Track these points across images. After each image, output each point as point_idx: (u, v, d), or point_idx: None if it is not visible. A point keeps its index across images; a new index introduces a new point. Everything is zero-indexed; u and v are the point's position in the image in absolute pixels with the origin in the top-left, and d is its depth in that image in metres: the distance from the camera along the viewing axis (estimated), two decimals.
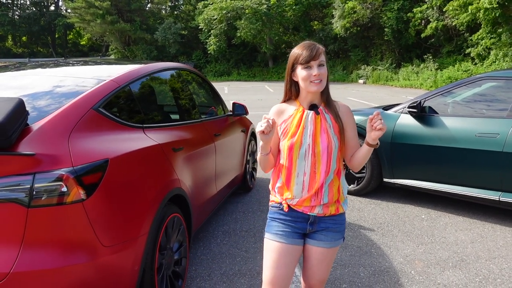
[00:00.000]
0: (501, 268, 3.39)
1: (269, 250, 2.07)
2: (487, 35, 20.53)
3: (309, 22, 33.48)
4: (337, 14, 27.38)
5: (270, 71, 33.85)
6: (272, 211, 2.11)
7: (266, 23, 30.94)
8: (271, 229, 2.08)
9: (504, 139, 4.00)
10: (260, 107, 15.15)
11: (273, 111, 2.11)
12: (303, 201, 2.02)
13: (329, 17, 30.24)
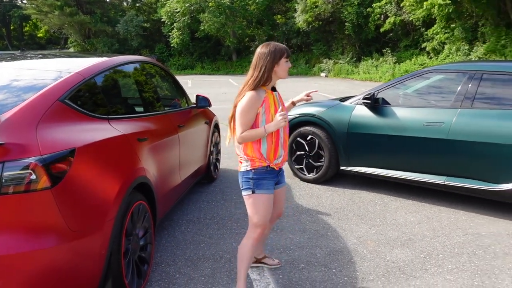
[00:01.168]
0: (444, 245, 3.71)
1: (263, 201, 2.74)
2: (441, 30, 21.38)
3: (272, 16, 33.71)
4: (300, 9, 27.73)
5: (234, 64, 33.91)
6: (258, 173, 2.70)
7: (229, 16, 30.94)
8: (262, 186, 2.72)
9: (448, 127, 4.33)
10: (224, 100, 15.27)
11: (253, 97, 2.64)
12: (283, 161, 2.79)
13: (292, 11, 30.56)
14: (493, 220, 4.24)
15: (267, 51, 2.67)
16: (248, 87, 2.67)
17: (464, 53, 20.02)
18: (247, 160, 2.73)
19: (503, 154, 4.04)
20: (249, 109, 2.63)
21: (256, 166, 2.70)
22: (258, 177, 2.70)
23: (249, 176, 2.73)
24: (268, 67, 2.65)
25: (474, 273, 3.24)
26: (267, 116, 2.68)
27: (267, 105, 2.68)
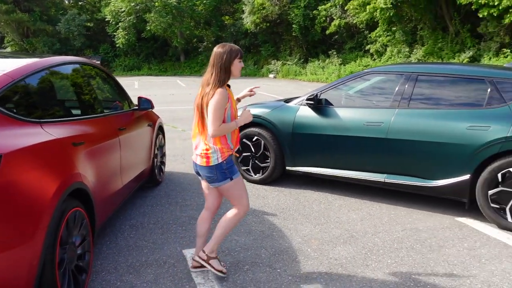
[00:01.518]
0: (384, 240, 3.83)
1: (241, 183, 3.12)
2: (383, 33, 22.20)
3: (220, 17, 33.67)
4: (247, 10, 27.87)
5: (182, 65, 33.56)
6: (228, 161, 3.00)
7: (176, 16, 30.59)
8: (235, 171, 3.06)
9: (387, 127, 4.48)
10: (172, 102, 15.06)
11: (225, 94, 2.90)
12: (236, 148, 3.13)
13: (240, 13, 30.66)
14: (430, 214, 4.44)
15: (223, 51, 2.94)
16: (216, 85, 2.90)
17: (404, 55, 20.90)
18: (215, 152, 2.96)
19: (437, 151, 4.23)
20: (222, 105, 2.88)
21: (225, 156, 2.98)
22: (229, 165, 3.02)
23: (223, 168, 2.99)
24: (226, 65, 2.91)
25: (411, 266, 3.37)
26: (231, 111, 2.98)
27: (230, 100, 2.97)
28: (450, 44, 19.21)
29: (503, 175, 3.97)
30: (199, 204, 4.73)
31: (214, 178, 3.02)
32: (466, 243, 3.78)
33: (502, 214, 4.04)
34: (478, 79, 4.26)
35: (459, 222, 4.24)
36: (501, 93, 4.09)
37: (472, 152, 4.06)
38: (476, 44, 18.28)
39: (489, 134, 3.98)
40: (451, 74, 4.45)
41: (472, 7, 16.74)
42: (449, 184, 4.23)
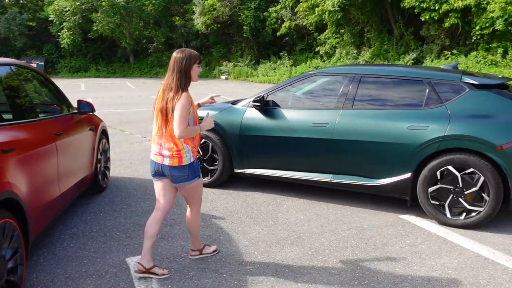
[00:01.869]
0: (330, 240, 3.87)
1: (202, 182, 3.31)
2: (332, 35, 22.69)
3: (170, 18, 33.18)
4: (198, 11, 27.64)
5: (131, 67, 32.80)
6: (196, 161, 3.18)
7: (125, 16, 29.85)
8: (200, 171, 3.23)
9: (332, 127, 4.55)
10: (120, 104, 14.66)
11: (190, 98, 3.01)
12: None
13: (190, 13, 30.34)
14: (375, 213, 4.54)
15: (182, 56, 3.03)
16: (179, 89, 3.00)
17: (353, 57, 21.44)
18: (188, 152, 3.09)
19: (380, 151, 4.34)
20: (187, 108, 2.98)
21: (195, 155, 3.17)
22: (198, 164, 3.23)
23: (194, 167, 3.16)
24: (185, 70, 3.02)
25: (356, 265, 3.42)
26: (194, 114, 3.10)
27: (192, 104, 3.07)
28: (395, 46, 19.91)
29: (441, 172, 4.12)
30: (144, 210, 4.60)
31: (185, 177, 3.12)
32: (408, 240, 3.89)
33: (441, 210, 4.19)
34: (417, 80, 4.41)
35: (402, 220, 4.36)
36: (438, 94, 4.24)
37: (412, 151, 4.19)
38: (419, 47, 19.05)
39: (428, 134, 4.12)
40: (392, 76, 4.58)
41: (415, 10, 17.44)
42: (392, 182, 4.35)
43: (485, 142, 3.91)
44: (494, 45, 15.86)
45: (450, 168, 4.07)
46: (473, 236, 3.96)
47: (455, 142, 4.03)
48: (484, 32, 15.68)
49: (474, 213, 4.06)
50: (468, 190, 4.04)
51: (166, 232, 4.04)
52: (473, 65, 15.72)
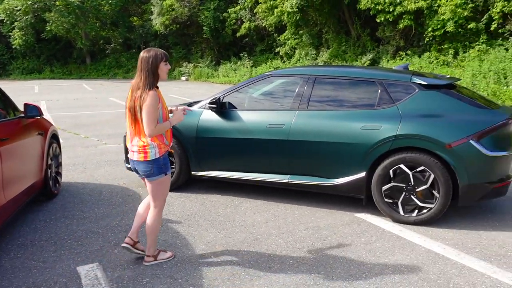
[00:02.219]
0: (287, 241, 3.88)
1: (169, 179, 3.36)
2: (291, 36, 22.92)
3: (128, 18, 32.57)
4: (156, 11, 27.27)
5: (88, 68, 31.95)
6: (164, 157, 3.24)
7: (80, 16, 29.04)
8: (168, 167, 3.30)
9: (288, 128, 4.57)
10: (75, 107, 14.24)
11: (156, 96, 3.10)
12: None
13: (148, 14, 29.90)
14: (332, 212, 4.59)
15: (148, 56, 3.14)
16: (146, 88, 3.09)
17: (312, 58, 21.74)
18: (154, 148, 3.17)
19: (335, 151, 4.39)
20: (154, 107, 3.08)
21: (162, 152, 3.22)
22: (165, 160, 3.27)
23: (160, 163, 3.22)
24: (153, 69, 3.11)
25: (312, 265, 3.44)
26: (163, 110, 3.20)
27: (161, 101, 3.19)
28: (352, 47, 20.33)
29: (394, 171, 4.22)
30: (98, 216, 4.46)
31: (150, 172, 3.22)
32: (363, 238, 3.96)
33: (395, 208, 4.29)
34: (369, 81, 4.49)
35: (358, 218, 4.43)
36: (390, 94, 4.34)
37: (366, 151, 4.26)
38: (375, 47, 19.53)
39: (381, 133, 4.21)
40: (345, 77, 4.64)
41: (370, 12, 17.86)
42: (348, 182, 4.41)
43: (434, 141, 4.03)
44: (445, 46, 16.47)
45: (402, 167, 4.17)
46: (425, 232, 4.07)
47: (406, 141, 4.14)
48: (436, 34, 16.26)
49: (426, 210, 4.18)
50: (419, 187, 4.15)
51: (121, 238, 3.93)
52: (427, 65, 16.27)
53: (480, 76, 13.58)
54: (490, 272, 3.32)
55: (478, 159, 4.00)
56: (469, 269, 3.38)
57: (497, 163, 4.09)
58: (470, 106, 4.20)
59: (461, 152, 3.99)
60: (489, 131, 4.02)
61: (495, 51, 14.68)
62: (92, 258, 3.54)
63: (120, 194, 5.17)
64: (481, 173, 4.05)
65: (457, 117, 4.12)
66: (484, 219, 4.42)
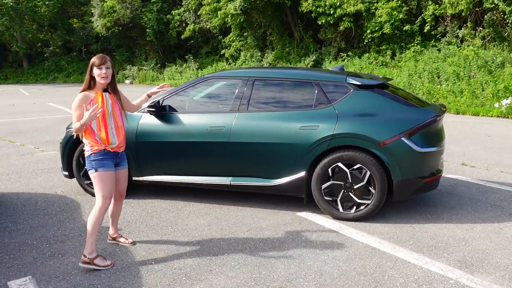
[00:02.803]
0: (229, 243, 3.89)
1: (106, 176, 3.42)
2: (236, 38, 23.01)
3: (67, 20, 31.38)
4: (97, 13, 26.48)
5: (25, 72, 30.48)
6: (97, 155, 3.40)
7: (15, 18, 27.61)
8: (103, 165, 3.41)
9: (229, 130, 4.58)
10: (12, 114, 13.54)
11: (81, 97, 3.35)
12: (118, 146, 3.51)
13: (89, 15, 28.97)
14: (274, 212, 4.65)
15: (90, 62, 3.42)
16: (80, 90, 3.42)
17: (257, 59, 21.93)
18: (87, 145, 3.43)
19: (275, 152, 4.45)
20: (77, 106, 3.35)
21: (94, 150, 3.40)
22: (97, 158, 3.40)
23: (90, 159, 3.42)
24: (88, 74, 3.41)
25: (253, 266, 3.46)
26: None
27: (95, 103, 3.37)
28: (296, 48, 20.71)
29: (332, 169, 4.34)
30: (32, 227, 4.26)
31: (87, 167, 3.47)
32: (304, 236, 4.04)
33: (334, 206, 4.41)
34: (306, 82, 4.59)
35: (299, 217, 4.52)
36: (326, 94, 4.46)
37: (305, 151, 4.36)
38: (318, 49, 20.02)
39: (318, 133, 4.31)
40: (283, 78, 4.72)
41: (312, 15, 18.28)
42: (288, 181, 4.48)
43: (369, 139, 4.18)
44: (383, 47, 17.17)
45: (340, 165, 4.30)
46: (363, 228, 4.21)
47: (343, 140, 4.27)
48: (374, 36, 16.91)
49: (363, 206, 4.33)
50: (356, 184, 4.30)
51: (57, 249, 3.78)
52: (366, 66, 16.88)
53: (415, 76, 14.26)
54: (422, 263, 3.50)
55: (410, 155, 4.19)
56: (403, 261, 3.54)
57: (428, 159, 4.30)
58: (401, 104, 4.40)
59: (394, 149, 4.16)
60: (419, 128, 4.23)
61: (428, 52, 15.49)
62: (24, 272, 3.38)
63: (57, 203, 4.96)
64: (413, 169, 4.25)
65: (389, 116, 4.30)
66: (418, 212, 4.65)
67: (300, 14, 19.73)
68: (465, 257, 3.61)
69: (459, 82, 13.21)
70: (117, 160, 3.56)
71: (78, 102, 3.35)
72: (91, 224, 3.39)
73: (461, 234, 4.07)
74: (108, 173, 3.43)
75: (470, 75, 13.22)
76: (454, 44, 15.28)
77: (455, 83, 13.28)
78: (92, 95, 3.40)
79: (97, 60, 3.37)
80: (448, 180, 5.77)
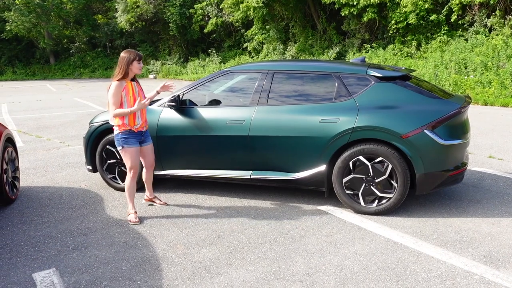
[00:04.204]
0: (249, 237, 3.89)
1: (130, 152, 4.16)
2: (259, 31, 22.91)
3: (92, 16, 31.87)
4: (121, 8, 26.80)
5: (52, 68, 31.13)
6: (124, 133, 4.12)
7: (41, 15, 28.20)
8: (127, 143, 4.14)
9: (249, 124, 4.56)
10: (39, 109, 13.87)
11: (117, 84, 4.04)
12: (141, 126, 4.22)
13: (113, 11, 29.34)
14: (294, 206, 4.62)
15: (125, 56, 4.08)
16: (113, 79, 4.08)
17: (280, 52, 21.80)
18: (116, 126, 4.12)
19: (296, 145, 4.42)
20: (115, 93, 4.01)
21: (121, 130, 4.11)
22: (123, 136, 4.13)
23: (118, 137, 4.14)
24: (125, 66, 4.04)
25: (273, 260, 3.45)
26: (127, 98, 4.07)
27: (127, 90, 4.07)
28: (319, 41, 20.50)
29: (353, 163, 4.27)
30: (57, 220, 4.36)
31: (116, 143, 4.20)
32: (325, 230, 4.00)
33: (355, 199, 4.35)
34: (326, 74, 4.53)
35: (320, 211, 4.48)
36: (347, 87, 4.39)
37: (325, 144, 4.30)
38: (341, 41, 19.75)
39: (339, 126, 4.25)
40: (303, 71, 4.66)
41: (335, 6, 18.03)
42: (309, 175, 4.45)
43: (391, 132, 4.10)
44: (408, 38, 16.81)
45: (361, 158, 4.23)
46: (385, 222, 4.15)
47: (364, 133, 4.20)
48: (399, 26, 16.56)
49: (385, 200, 4.26)
50: (378, 178, 4.22)
51: (80, 241, 3.85)
52: (391, 57, 16.57)
53: (442, 67, 13.92)
54: (445, 258, 3.42)
55: (433, 148, 4.09)
56: (425, 256, 3.47)
57: (452, 152, 4.19)
58: (424, 96, 4.29)
59: (417, 142, 4.07)
60: (443, 121, 4.11)
61: (455, 42, 15.08)
62: (48, 264, 3.46)
63: (81, 197, 5.06)
64: (437, 162, 4.15)
65: (412, 108, 4.20)
66: (442, 206, 4.54)
67: (323, 6, 19.49)
68: (491, 252, 3.51)
69: (487, 72, 12.83)
70: (141, 138, 4.27)
71: (115, 89, 4.02)
72: (126, 189, 4.28)
73: (487, 229, 3.96)
74: (132, 149, 4.15)
75: (499, 65, 12.82)
76: (482, 34, 14.83)
77: (483, 74, 12.90)
78: (124, 84, 4.07)
79: (137, 56, 4.11)
80: (474, 173, 5.62)
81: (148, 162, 4.46)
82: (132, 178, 4.24)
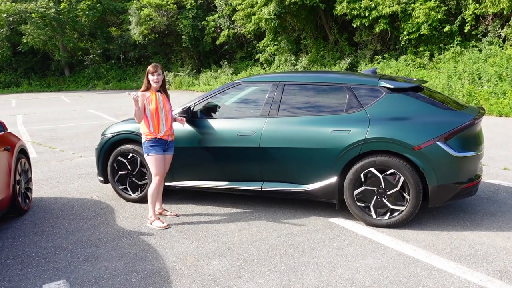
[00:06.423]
0: (259, 249, 3.86)
1: (156, 160, 4.37)
2: (271, 43, 22.99)
3: (106, 28, 32.31)
4: (134, 21, 27.12)
5: (66, 80, 31.56)
6: (150, 141, 4.37)
7: (57, 28, 28.70)
8: (152, 150, 4.36)
9: (259, 136, 4.55)
10: (53, 120, 14.04)
11: (141, 94, 4.37)
12: (165, 134, 4.42)
13: (127, 24, 29.73)
14: (305, 218, 4.59)
15: (147, 69, 4.45)
16: (141, 90, 4.47)
17: (291, 63, 21.83)
18: (143, 134, 4.41)
19: (306, 157, 4.39)
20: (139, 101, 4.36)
21: (148, 138, 4.37)
22: (149, 144, 4.37)
23: (145, 145, 4.40)
24: (146, 79, 4.43)
25: (283, 273, 3.42)
26: (150, 107, 4.37)
27: (149, 100, 4.39)
28: (331, 52, 20.49)
29: (365, 175, 4.23)
30: (68, 231, 4.38)
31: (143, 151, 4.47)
32: (336, 243, 3.95)
33: (367, 212, 4.30)
34: (337, 86, 4.51)
35: (331, 223, 4.43)
36: (358, 98, 4.36)
37: (336, 156, 4.27)
38: (353, 52, 19.72)
39: (350, 138, 4.22)
40: (313, 82, 4.66)
41: (347, 17, 18.05)
42: (320, 187, 4.41)
43: (402, 144, 4.06)
44: (421, 49, 16.71)
45: (373, 170, 4.19)
46: (397, 235, 4.09)
47: (375, 145, 4.16)
48: (411, 37, 16.49)
49: (397, 213, 4.20)
50: (390, 190, 4.17)
51: (90, 253, 3.86)
52: (403, 68, 16.48)
53: (455, 77, 13.80)
54: (459, 273, 3.35)
55: (446, 160, 4.04)
56: (439, 270, 3.40)
57: (465, 164, 4.13)
58: (436, 108, 4.25)
59: (429, 154, 4.02)
60: (455, 132, 4.06)
61: (469, 52, 14.96)
62: (59, 275, 3.47)
63: (92, 208, 5.09)
64: (450, 174, 4.09)
65: (424, 119, 4.16)
66: (456, 219, 4.46)
67: (335, 17, 19.50)
68: (506, 266, 3.43)
69: (501, 83, 12.68)
70: (165, 147, 4.44)
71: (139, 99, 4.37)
72: (149, 196, 4.42)
73: (502, 243, 3.87)
74: (157, 156, 4.36)
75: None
76: (496, 44, 14.68)
77: (497, 84, 12.75)
78: (148, 94, 4.40)
79: (151, 69, 4.40)
80: (488, 186, 5.53)
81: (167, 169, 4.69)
82: (158, 185, 4.42)
